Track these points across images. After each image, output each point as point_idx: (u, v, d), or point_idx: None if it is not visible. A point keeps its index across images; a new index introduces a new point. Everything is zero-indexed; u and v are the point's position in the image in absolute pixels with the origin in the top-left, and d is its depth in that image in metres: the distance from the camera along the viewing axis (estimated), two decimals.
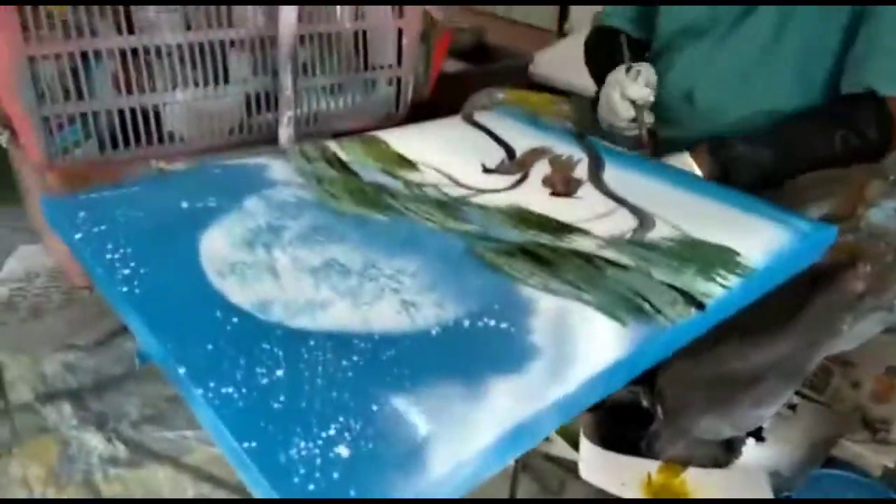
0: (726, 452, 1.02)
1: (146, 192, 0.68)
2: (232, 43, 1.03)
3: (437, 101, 1.37)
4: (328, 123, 1.17)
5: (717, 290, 0.59)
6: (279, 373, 0.46)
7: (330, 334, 0.50)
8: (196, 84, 1.03)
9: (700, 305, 0.57)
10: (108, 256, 0.58)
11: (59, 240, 0.64)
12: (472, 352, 0.50)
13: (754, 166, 0.87)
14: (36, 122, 0.95)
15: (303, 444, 0.41)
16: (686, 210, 0.72)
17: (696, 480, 1.00)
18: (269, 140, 1.11)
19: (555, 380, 0.48)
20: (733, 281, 0.61)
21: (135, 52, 0.98)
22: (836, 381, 1.16)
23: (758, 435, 1.03)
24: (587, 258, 0.62)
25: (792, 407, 1.10)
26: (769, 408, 0.91)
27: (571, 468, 1.03)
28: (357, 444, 0.42)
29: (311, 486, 0.39)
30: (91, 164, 1.03)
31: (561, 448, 1.04)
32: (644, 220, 0.70)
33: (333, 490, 0.39)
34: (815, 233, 0.70)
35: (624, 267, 0.61)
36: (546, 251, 0.63)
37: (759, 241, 0.67)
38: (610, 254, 0.63)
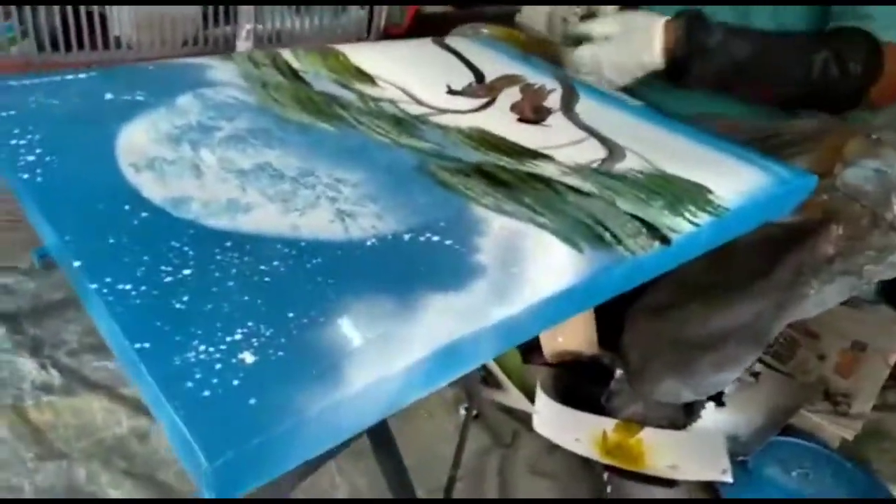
0: (685, 415, 1.00)
1: (67, 83, 0.62)
2: None
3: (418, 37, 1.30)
4: (292, 44, 1.09)
5: (685, 226, 0.55)
6: (186, 272, 0.41)
7: (250, 236, 0.45)
8: None
9: (665, 239, 0.53)
10: (13, 142, 0.51)
11: None
12: (409, 267, 0.45)
13: (726, 56, 0.79)
14: None
15: (202, 348, 0.36)
16: (660, 146, 0.67)
17: (653, 440, 0.97)
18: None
19: (498, 300, 0.43)
20: (703, 218, 0.56)
21: None
22: (802, 353, 1.14)
23: (718, 399, 1.00)
24: (548, 182, 0.57)
25: (755, 375, 1.08)
26: (730, 373, 0.88)
27: (525, 420, 1.01)
28: (265, 352, 0.36)
29: (206, 392, 0.34)
30: (29, 65, 0.95)
31: (516, 399, 1.01)
32: (614, 150, 0.65)
33: (231, 397, 0.34)
34: (793, 179, 0.66)
35: (587, 194, 0.56)
36: (505, 173, 0.58)
37: (735, 181, 0.63)
38: (573, 181, 0.58)
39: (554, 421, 0.99)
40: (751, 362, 0.87)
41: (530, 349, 1.08)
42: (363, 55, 0.79)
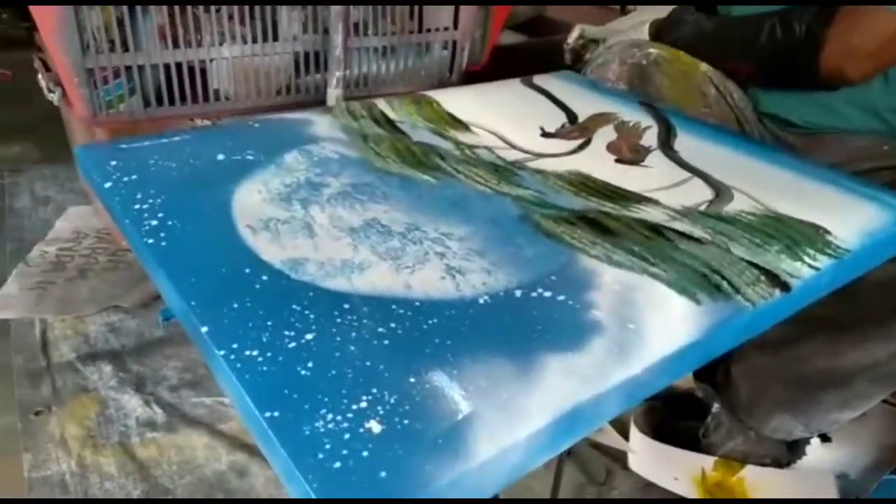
0: (789, 452, 0.95)
1: (182, 144, 0.65)
2: None
3: (493, 74, 1.31)
4: (378, 87, 1.12)
5: (805, 271, 0.52)
6: (308, 337, 0.42)
7: (367, 297, 0.45)
8: (244, 40, 0.99)
9: (785, 286, 0.51)
10: (137, 207, 0.54)
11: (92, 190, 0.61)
12: (525, 325, 0.44)
13: (695, 27, 0.85)
14: (80, 75, 0.92)
15: (330, 417, 0.36)
16: (769, 183, 0.65)
17: (755, 479, 0.93)
18: (317, 102, 1.07)
19: (618, 361, 0.42)
20: (823, 261, 0.54)
21: (182, 4, 0.94)
22: None
23: (824, 436, 0.95)
24: (656, 229, 0.56)
25: None
26: (854, 411, 0.84)
27: (618, 458, 0.98)
28: (391, 420, 0.37)
29: (337, 464, 0.34)
30: (137, 121, 1.00)
31: (609, 436, 0.99)
32: (721, 191, 0.63)
33: (362, 470, 0.34)
34: None
35: (698, 240, 0.54)
36: (610, 220, 0.57)
37: (853, 219, 0.60)
38: (682, 226, 0.56)
39: (650, 458, 0.96)
40: (879, 400, 0.83)
41: None
42: (455, 101, 0.79)
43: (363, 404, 0.37)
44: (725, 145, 0.73)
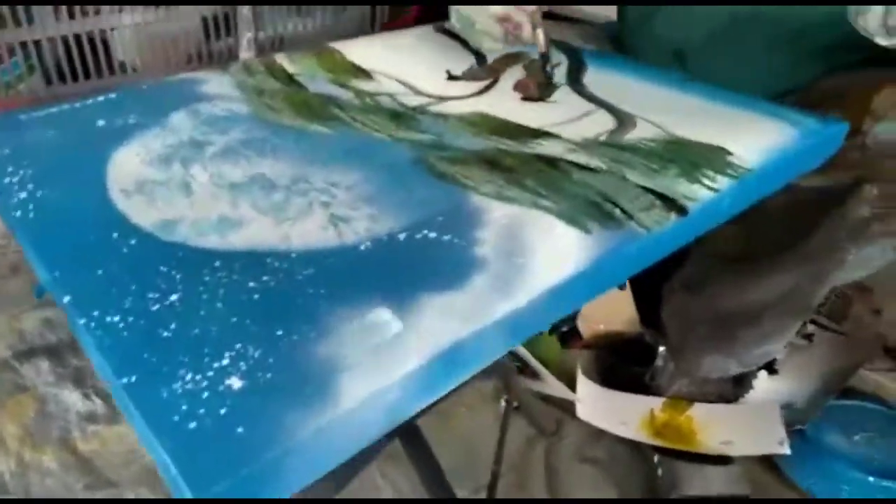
0: (736, 387, 0.96)
1: (61, 114, 0.61)
2: None
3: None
4: (295, 47, 1.08)
5: (704, 193, 0.51)
6: (173, 298, 0.40)
7: (240, 253, 0.43)
8: (146, 6, 0.94)
9: (682, 210, 0.49)
10: (7, 180, 0.51)
11: None
12: (406, 268, 0.43)
13: None
14: None
15: (189, 377, 0.35)
16: (674, 109, 0.64)
17: (704, 417, 0.93)
18: None
19: (501, 295, 0.41)
20: (723, 182, 0.53)
21: None
22: (856, 309, 1.08)
23: (770, 367, 0.96)
24: (552, 162, 0.54)
25: (808, 336, 1.03)
26: (776, 343, 0.84)
27: (567, 408, 0.98)
28: (253, 375, 0.35)
29: (193, 424, 0.32)
30: (40, 100, 0.96)
31: (555, 387, 0.98)
32: (623, 120, 0.61)
33: (218, 428, 0.32)
34: (821, 129, 0.62)
35: (594, 170, 0.53)
36: (507, 157, 0.55)
37: (755, 138, 0.59)
38: (580, 157, 0.55)
39: (598, 406, 0.96)
40: (795, 331, 0.83)
41: (568, 333, 1.04)
42: (360, 50, 0.77)
43: (225, 361, 0.36)
44: (635, 76, 0.72)
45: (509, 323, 0.40)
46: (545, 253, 0.44)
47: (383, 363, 0.36)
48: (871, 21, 0.56)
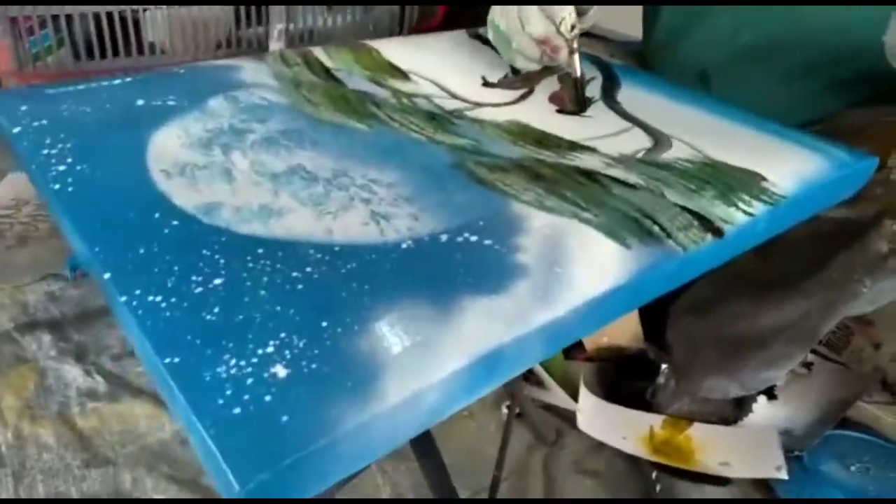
0: (735, 409, 0.96)
1: (99, 90, 0.61)
2: None
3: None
4: (324, 42, 1.08)
5: (739, 217, 0.52)
6: (217, 282, 0.39)
7: (283, 242, 0.43)
8: None
9: (718, 231, 0.50)
10: (45, 152, 0.51)
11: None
12: (447, 269, 0.43)
13: None
14: (3, 24, 0.87)
15: (233, 362, 0.35)
16: (709, 132, 0.64)
17: (702, 437, 0.94)
18: None
19: (542, 303, 0.41)
20: (758, 208, 0.53)
21: None
22: (856, 341, 1.09)
23: (770, 393, 0.96)
24: (591, 175, 0.54)
25: (808, 365, 1.04)
26: (780, 370, 0.84)
27: (568, 418, 0.98)
28: (298, 364, 0.35)
29: (237, 410, 0.32)
30: (67, 75, 0.95)
31: (558, 397, 0.99)
32: (659, 139, 0.62)
33: (262, 415, 0.32)
34: (853, 161, 0.62)
35: (633, 186, 0.53)
36: (545, 167, 0.55)
37: (790, 166, 0.59)
38: (618, 172, 0.55)
39: (599, 418, 0.96)
40: (801, 359, 0.83)
41: (573, 344, 1.05)
42: (396, 50, 0.77)
43: (270, 349, 0.36)
44: (667, 96, 0.72)
45: (549, 331, 0.40)
46: (585, 264, 0.44)
47: (426, 363, 0.36)
48: None
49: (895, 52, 0.58)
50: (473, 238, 0.46)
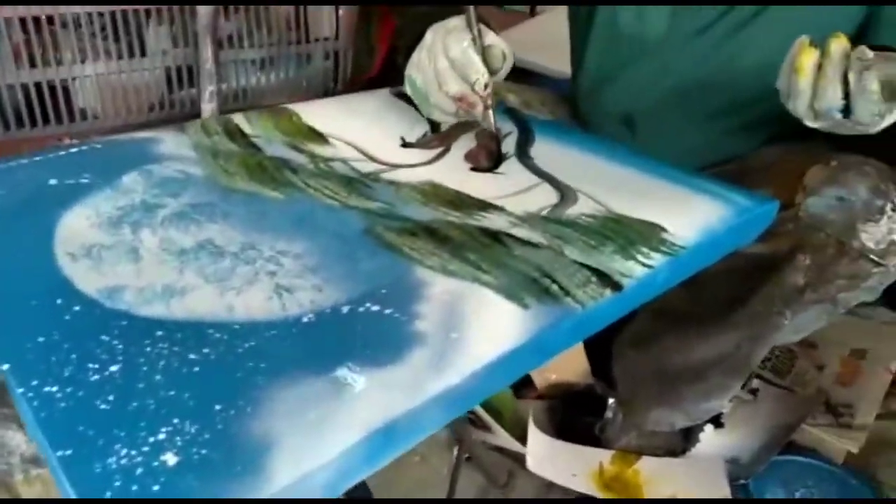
0: (683, 441, 0.98)
1: (13, 170, 0.61)
2: (147, 13, 0.96)
3: (386, 83, 1.29)
4: (258, 99, 1.10)
5: (638, 270, 0.54)
6: (113, 369, 0.40)
7: (182, 323, 0.44)
8: (109, 56, 0.95)
9: (616, 286, 0.52)
10: None
11: None
12: (346, 342, 0.44)
13: None
14: None
15: (124, 452, 0.35)
16: (614, 184, 0.67)
17: (650, 471, 0.95)
18: (192, 116, 1.04)
19: (437, 371, 0.42)
20: (657, 259, 0.55)
21: (38, 21, 0.90)
22: (800, 364, 1.12)
23: (717, 421, 0.98)
24: (496, 236, 0.56)
25: (753, 392, 1.06)
26: (719, 399, 0.87)
27: (519, 459, 0.99)
28: (188, 451, 0.36)
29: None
30: None
31: (506, 439, 0.99)
32: (565, 195, 0.64)
33: None
34: (753, 207, 0.65)
35: (535, 245, 0.55)
36: (452, 229, 0.57)
37: (690, 215, 0.62)
38: (522, 232, 0.57)
39: (548, 458, 0.97)
40: (737, 389, 0.86)
41: (523, 382, 1.06)
42: (317, 113, 0.78)
43: (161, 436, 0.36)
44: (580, 148, 0.75)
45: (445, 398, 0.42)
46: (482, 328, 0.46)
47: (319, 440, 0.37)
48: (799, 106, 0.61)
49: (785, 97, 0.62)
50: (375, 308, 0.47)
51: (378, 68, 1.35)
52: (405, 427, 0.40)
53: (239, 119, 0.76)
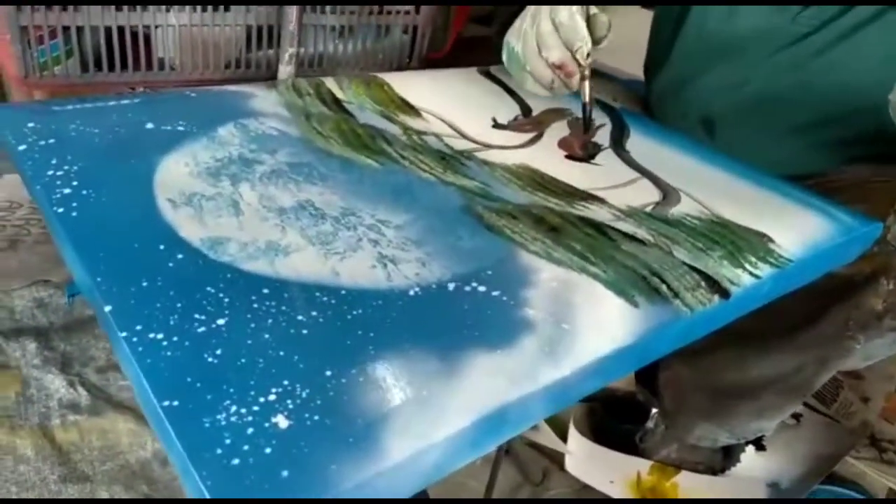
0: (723, 459, 0.96)
1: (109, 110, 0.60)
2: None
3: (454, 63, 1.28)
4: (334, 67, 1.08)
5: (746, 279, 0.51)
6: (220, 322, 0.39)
7: (289, 283, 0.43)
8: (193, 7, 0.94)
9: (725, 293, 0.49)
10: (50, 173, 0.50)
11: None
12: (455, 320, 0.42)
13: None
14: (13, 31, 0.86)
15: (234, 409, 0.34)
16: (717, 189, 0.64)
17: (689, 486, 0.93)
18: (268, 78, 1.02)
19: (549, 361, 0.40)
20: (765, 270, 0.53)
21: None
22: (845, 395, 1.09)
23: (758, 443, 0.96)
24: (600, 228, 0.54)
25: (797, 416, 1.03)
26: (771, 421, 0.84)
27: (556, 458, 0.97)
28: (300, 415, 0.34)
29: (236, 461, 0.31)
30: (73, 85, 0.95)
31: (547, 437, 0.98)
32: (668, 193, 0.61)
33: (262, 467, 0.31)
34: (859, 226, 0.62)
35: (641, 242, 0.53)
36: (554, 216, 0.55)
37: (797, 229, 0.59)
38: (626, 226, 0.55)
39: (587, 461, 0.95)
40: (792, 411, 0.84)
41: None
42: (408, 85, 0.77)
43: (272, 397, 0.35)
44: (677, 148, 0.72)
45: (554, 389, 0.40)
46: (593, 322, 0.44)
47: (431, 420, 0.35)
48: None
49: None
50: (482, 288, 0.45)
51: (450, 47, 1.33)
52: (514, 415, 0.39)
53: (330, 83, 0.74)
